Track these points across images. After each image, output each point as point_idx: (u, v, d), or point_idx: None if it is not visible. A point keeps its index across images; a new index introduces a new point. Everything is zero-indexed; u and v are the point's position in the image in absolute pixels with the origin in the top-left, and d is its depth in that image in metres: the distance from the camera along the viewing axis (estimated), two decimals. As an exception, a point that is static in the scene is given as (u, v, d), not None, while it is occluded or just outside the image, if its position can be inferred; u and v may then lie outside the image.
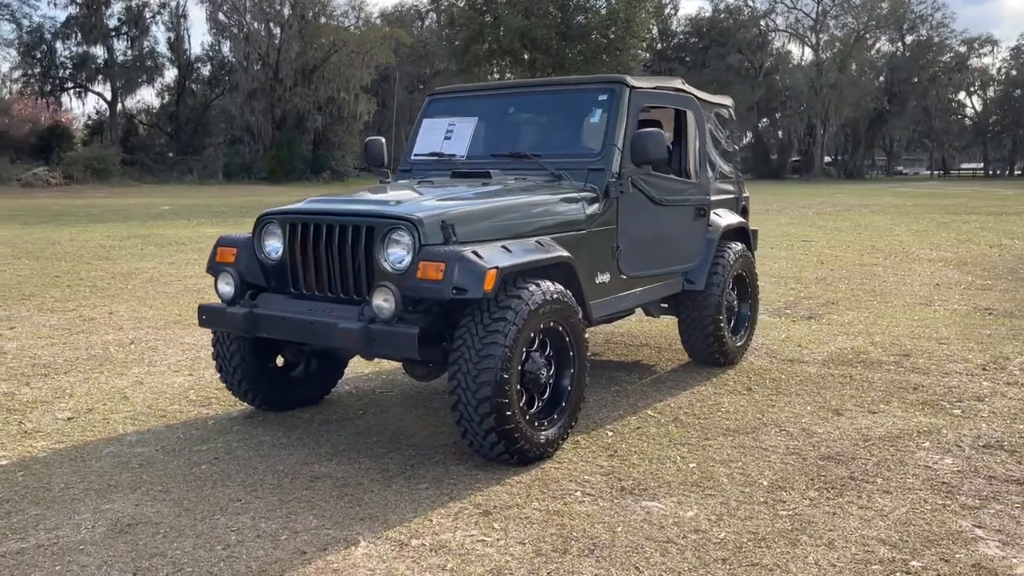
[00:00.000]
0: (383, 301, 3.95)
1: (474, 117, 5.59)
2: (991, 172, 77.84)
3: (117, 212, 23.62)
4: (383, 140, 5.83)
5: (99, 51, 54.48)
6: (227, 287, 4.49)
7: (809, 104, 65.31)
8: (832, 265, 12.25)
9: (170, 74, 58.17)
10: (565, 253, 4.39)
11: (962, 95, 76.79)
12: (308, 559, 3.17)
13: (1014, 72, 72.88)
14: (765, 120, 71.57)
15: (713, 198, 6.08)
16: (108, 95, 54.66)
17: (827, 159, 71.67)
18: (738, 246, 6.18)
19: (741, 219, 6.41)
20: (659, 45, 68.58)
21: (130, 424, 4.83)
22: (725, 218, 6.16)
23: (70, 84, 55.90)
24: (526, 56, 35.69)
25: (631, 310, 5.61)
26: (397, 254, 4.10)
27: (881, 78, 71.03)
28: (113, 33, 54.14)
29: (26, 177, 43.70)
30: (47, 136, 49.10)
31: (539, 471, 4.11)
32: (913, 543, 3.35)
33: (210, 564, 3.14)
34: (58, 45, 54.29)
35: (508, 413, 3.95)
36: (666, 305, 6.13)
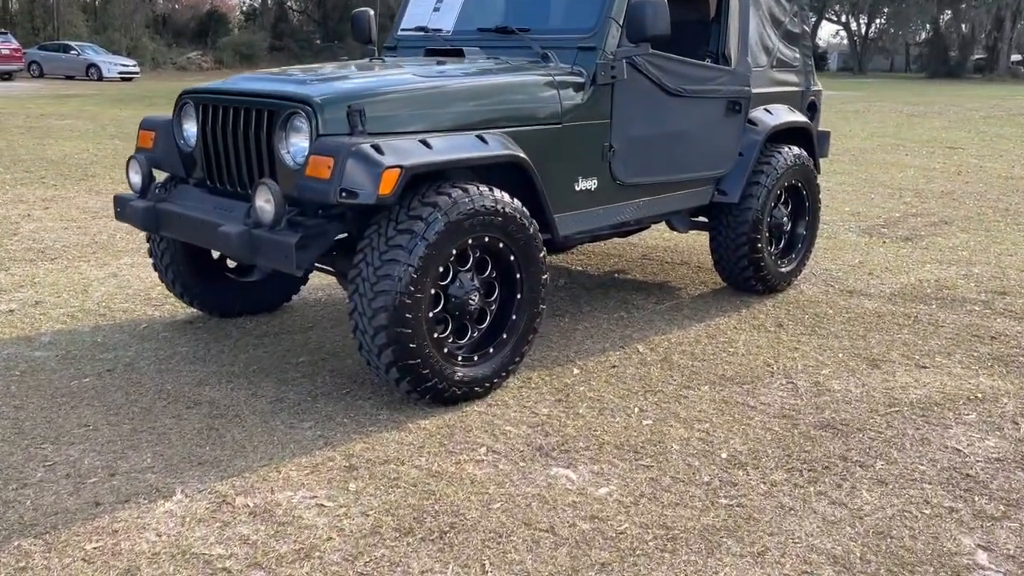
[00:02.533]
0: (264, 202, 3.29)
1: (466, -15, 4.70)
2: None
3: (242, 96, 23.81)
4: (370, 12, 5.03)
5: (253, -66, 55.06)
6: (136, 176, 3.94)
7: (1001, -6, 58.32)
8: (970, 177, 10.61)
9: (320, -41, 58.24)
10: (513, 151, 3.56)
11: None
12: (96, 513, 2.64)
13: None
14: (948, 13, 64.75)
15: (762, 90, 4.99)
16: (261, -21, 55.45)
17: (1015, 57, 64.38)
18: (793, 150, 5.10)
19: (802, 117, 5.28)
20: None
21: (61, 322, 4.44)
22: (777, 115, 5.07)
23: (225, -32, 56.95)
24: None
25: (639, 224, 4.71)
26: (299, 145, 3.40)
27: (1092, -35, 62.37)
28: (268, -85, 54.44)
29: (180, 61, 45.29)
30: (206, 21, 50.60)
31: (457, 415, 3.41)
32: (877, 567, 2.47)
33: (-16, 508, 2.66)
34: (215, -72, 55.15)
35: (412, 345, 3.25)
36: (704, 219, 5.17)
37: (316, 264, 3.81)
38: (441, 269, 3.33)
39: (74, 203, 7.75)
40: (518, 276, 3.61)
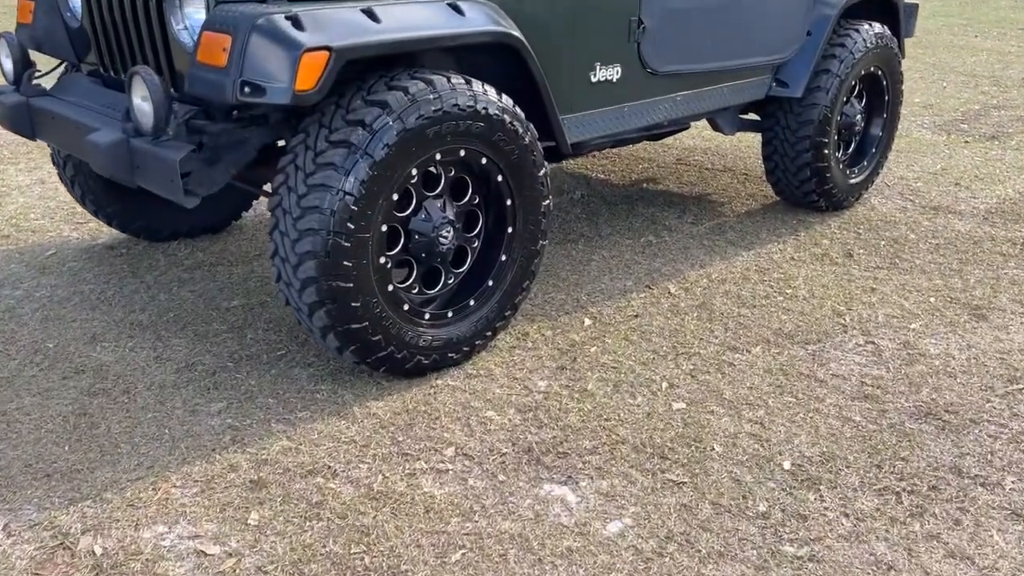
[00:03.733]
0: (141, 99, 2.34)
1: None
2: None
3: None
4: None
5: None
6: (7, 61, 2.98)
7: None
8: (1052, 62, 9.28)
9: None
10: (502, 28, 2.55)
11: None
12: None
13: None
14: None
15: (838, -52, 3.86)
16: None
17: (1085, -70, 59.81)
18: (874, 28, 4.00)
19: (886, -14, 4.15)
20: None
21: (-50, 247, 3.58)
22: (856, -17, 3.95)
23: None
24: None
25: (675, 126, 3.68)
26: (194, 18, 2.42)
27: None
28: None
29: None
30: None
31: (423, 392, 2.53)
32: None
33: None
34: None
35: (354, 304, 2.34)
36: (756, 118, 4.13)
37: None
38: (396, 196, 2.39)
39: (28, 91, 6.78)
40: (509, 203, 2.66)
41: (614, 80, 3.09)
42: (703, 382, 2.63)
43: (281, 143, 2.61)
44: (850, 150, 4.23)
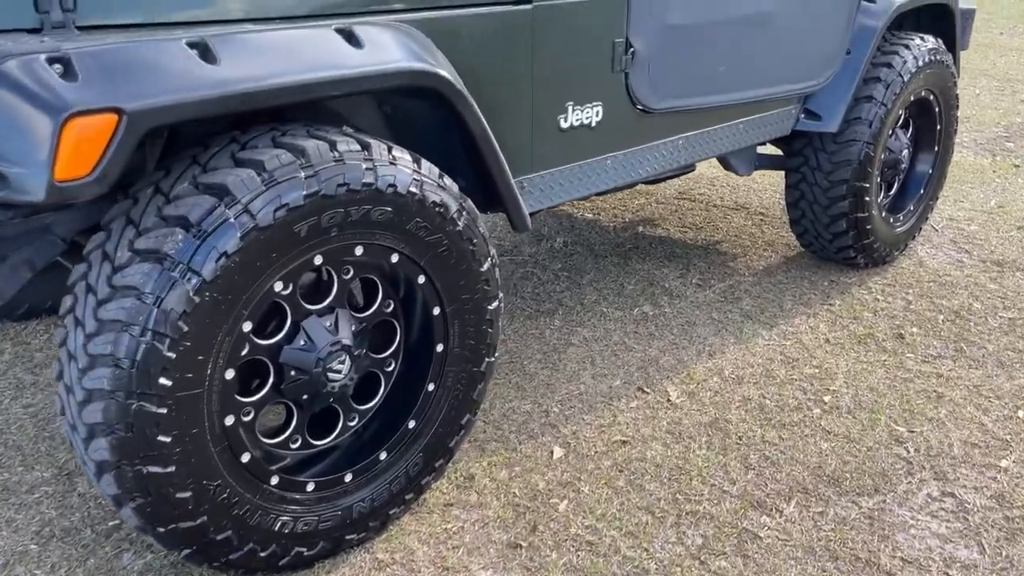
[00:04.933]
0: None
1: None
2: None
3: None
4: None
5: None
6: None
7: None
8: (1091, 63, 8.44)
9: None
10: (420, 64, 1.71)
11: None
12: None
13: None
14: None
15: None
16: None
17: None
18: (926, 43, 3.17)
19: (941, -11, 3.31)
20: None
21: None
22: (905, -14, 3.12)
23: None
24: None
25: (677, 172, 2.85)
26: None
27: None
28: None
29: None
30: None
31: (304, 600, 1.71)
32: None
33: None
34: None
35: (180, 496, 1.52)
36: (779, 152, 3.31)
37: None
38: (251, 324, 1.57)
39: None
40: (437, 312, 1.84)
41: (592, 124, 2.26)
42: (719, 575, 1.81)
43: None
44: (892, 192, 3.41)
